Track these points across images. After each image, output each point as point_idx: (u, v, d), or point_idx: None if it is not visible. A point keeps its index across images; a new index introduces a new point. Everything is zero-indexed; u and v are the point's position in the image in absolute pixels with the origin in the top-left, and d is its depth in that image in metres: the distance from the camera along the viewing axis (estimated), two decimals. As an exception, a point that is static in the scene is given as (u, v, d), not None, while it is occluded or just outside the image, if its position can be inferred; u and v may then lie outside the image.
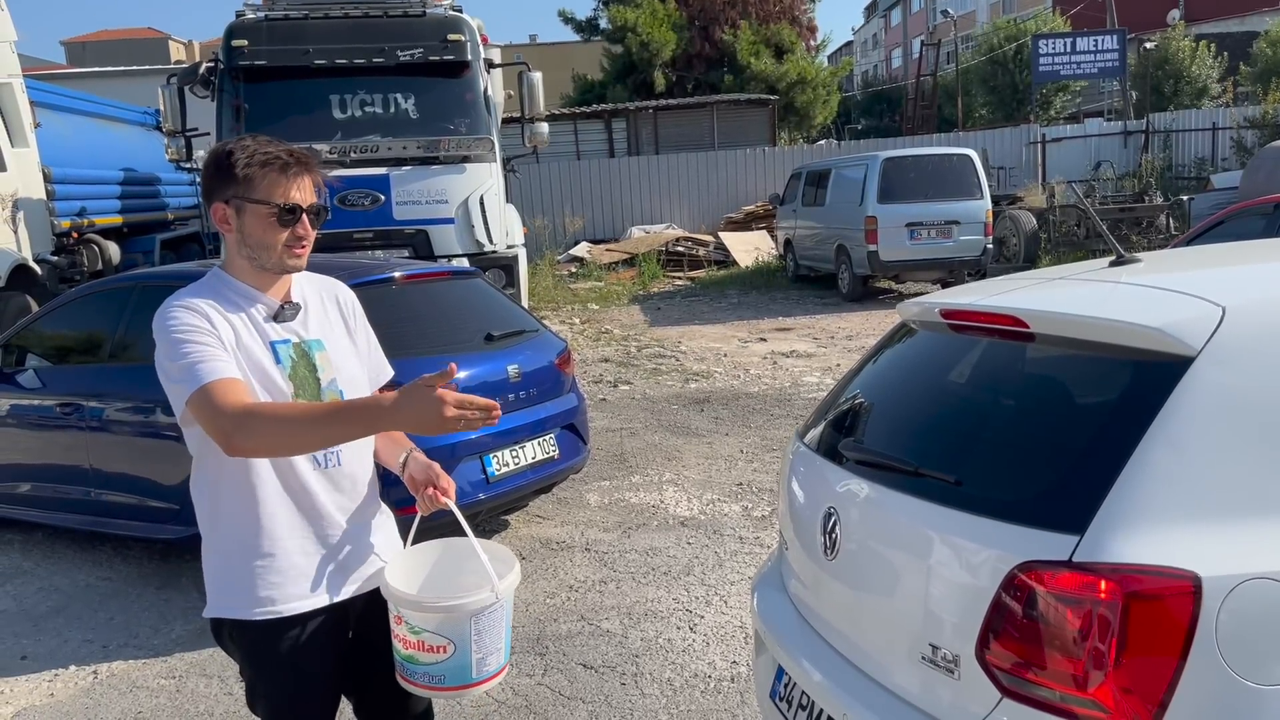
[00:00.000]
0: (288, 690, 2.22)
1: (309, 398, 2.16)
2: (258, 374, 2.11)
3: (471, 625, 2.09)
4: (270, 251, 2.14)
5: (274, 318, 2.19)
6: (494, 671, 2.16)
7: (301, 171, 2.14)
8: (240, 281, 2.19)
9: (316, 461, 2.18)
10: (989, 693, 1.83)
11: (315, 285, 2.34)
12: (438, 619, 2.09)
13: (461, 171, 9.38)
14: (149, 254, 13.30)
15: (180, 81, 9.50)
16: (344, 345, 2.30)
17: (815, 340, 11.81)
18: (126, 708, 3.90)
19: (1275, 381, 1.80)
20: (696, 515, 5.81)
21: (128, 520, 5.20)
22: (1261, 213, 6.91)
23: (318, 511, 2.19)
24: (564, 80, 30.45)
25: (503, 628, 2.16)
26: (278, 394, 2.12)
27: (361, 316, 2.41)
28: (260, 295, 2.19)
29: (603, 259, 18.89)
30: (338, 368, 2.24)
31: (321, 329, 2.26)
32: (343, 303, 2.37)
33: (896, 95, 46.56)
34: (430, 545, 2.33)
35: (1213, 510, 1.72)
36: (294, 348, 2.19)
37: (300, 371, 2.17)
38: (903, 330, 2.73)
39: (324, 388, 2.20)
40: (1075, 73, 25.48)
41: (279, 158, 2.11)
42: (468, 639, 2.09)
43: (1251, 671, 1.65)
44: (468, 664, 2.10)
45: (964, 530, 1.93)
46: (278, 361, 2.15)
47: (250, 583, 2.16)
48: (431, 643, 2.10)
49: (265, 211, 2.10)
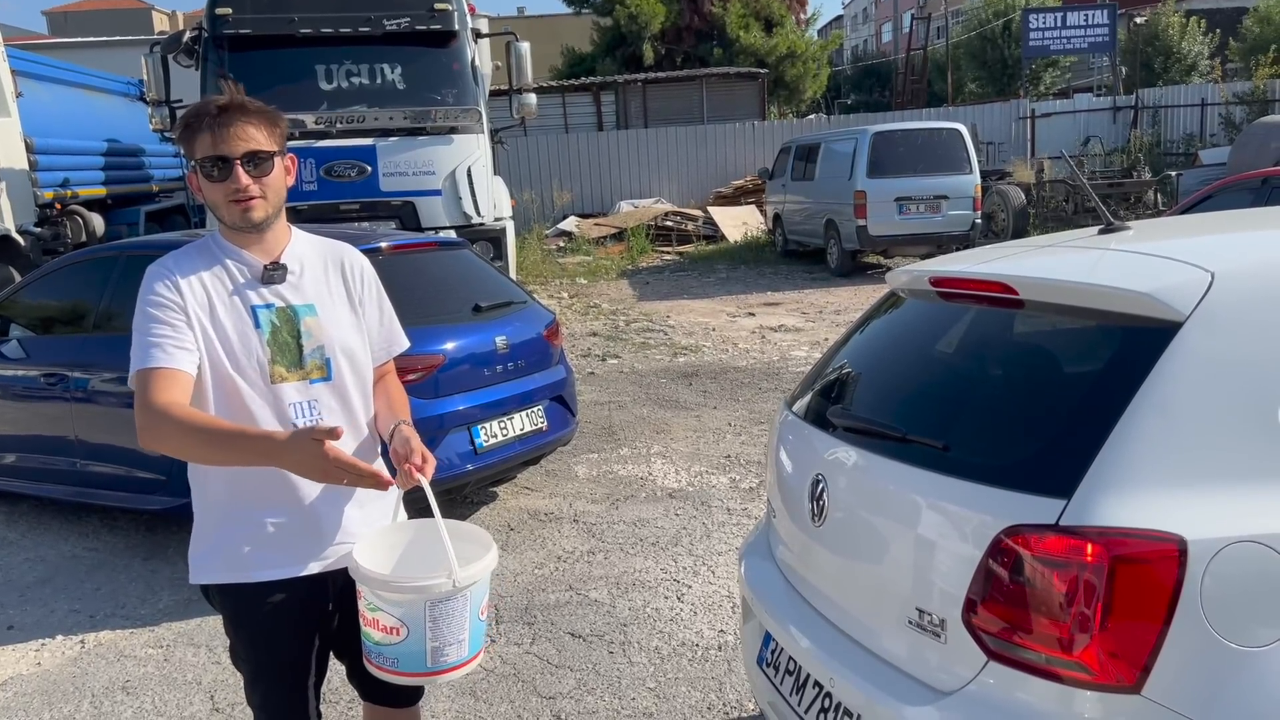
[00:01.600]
0: (262, 653, 2.24)
1: (287, 364, 2.14)
2: (235, 338, 2.10)
3: (426, 612, 1.99)
4: (221, 209, 2.11)
5: (261, 279, 2.16)
6: (453, 664, 2.05)
7: (230, 120, 2.05)
8: (227, 242, 2.18)
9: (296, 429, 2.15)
10: (975, 656, 1.84)
11: (320, 249, 2.29)
12: (391, 599, 2.01)
13: (449, 143, 9.31)
14: (133, 226, 13.17)
15: (164, 50, 9.38)
16: (341, 313, 2.25)
17: (804, 315, 11.81)
18: (114, 677, 3.90)
19: (1263, 346, 1.81)
20: (684, 487, 5.82)
21: (114, 491, 5.18)
22: (1249, 187, 6.91)
23: (297, 482, 2.14)
24: (552, 53, 30.22)
25: (465, 619, 2.03)
26: (253, 359, 2.11)
27: (373, 284, 2.35)
28: (244, 255, 2.16)
29: (591, 233, 18.83)
30: (328, 335, 2.20)
31: (316, 294, 2.22)
32: (349, 269, 2.31)
33: (886, 70, 46.41)
34: (414, 523, 2.25)
35: (1199, 474, 1.73)
36: (277, 312, 2.16)
37: (281, 337, 2.15)
38: (891, 299, 2.72)
39: (306, 354, 2.17)
40: (1065, 47, 25.42)
41: (204, 111, 2.07)
42: (422, 625, 1.99)
43: (1235, 634, 1.66)
44: (421, 652, 2.01)
45: (951, 495, 1.94)
46: (257, 326, 2.13)
47: (223, 548, 2.17)
48: (385, 623, 2.02)
49: (199, 170, 2.08)
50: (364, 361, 2.29)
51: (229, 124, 2.05)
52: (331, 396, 2.21)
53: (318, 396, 2.19)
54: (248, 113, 2.09)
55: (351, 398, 2.25)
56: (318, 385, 2.19)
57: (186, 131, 2.08)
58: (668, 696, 3.55)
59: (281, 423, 2.13)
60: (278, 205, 2.16)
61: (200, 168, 2.07)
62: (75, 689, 3.82)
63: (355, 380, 2.26)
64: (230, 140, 2.05)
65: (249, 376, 2.11)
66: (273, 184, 2.13)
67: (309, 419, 2.15)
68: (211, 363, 2.10)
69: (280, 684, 2.27)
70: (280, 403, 2.14)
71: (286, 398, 2.14)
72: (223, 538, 2.17)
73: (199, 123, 2.06)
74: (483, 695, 3.60)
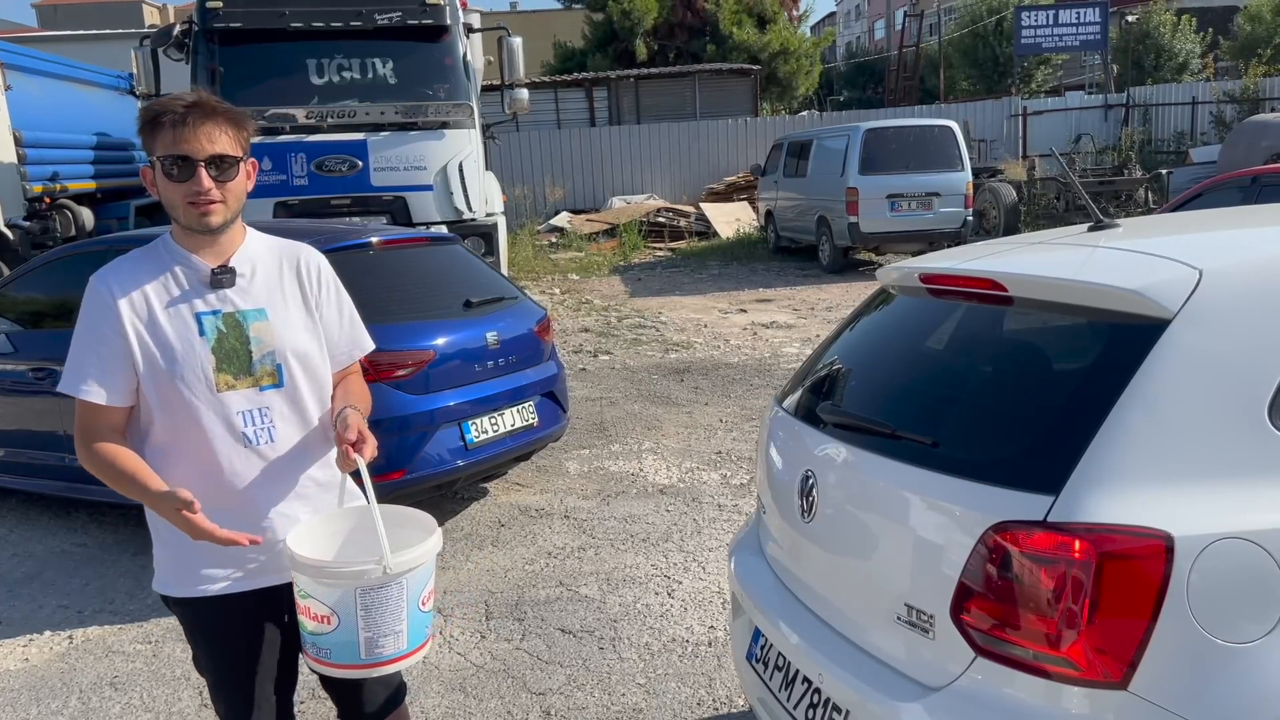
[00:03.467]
0: (222, 662, 2.24)
1: (235, 371, 2.10)
2: (178, 347, 2.06)
3: (357, 599, 1.92)
4: (177, 210, 2.05)
5: (210, 283, 2.11)
6: (389, 657, 1.99)
7: (198, 119, 2.00)
8: (179, 246, 2.12)
9: (247, 439, 2.11)
10: (963, 652, 1.85)
11: (275, 250, 2.23)
12: (320, 586, 1.95)
13: (440, 138, 9.29)
14: (123, 220, 13.11)
15: (154, 44, 9.34)
16: (294, 316, 2.19)
17: (795, 311, 11.82)
18: (102, 672, 3.88)
19: (1250, 344, 1.82)
20: (675, 483, 5.82)
21: (102, 486, 5.14)
22: (1239, 186, 6.94)
23: (242, 493, 2.11)
24: (545, 48, 30.16)
25: (401, 607, 1.97)
26: (197, 367, 2.07)
27: (330, 285, 2.29)
28: (192, 259, 2.11)
29: (583, 229, 18.81)
30: (279, 340, 2.15)
31: (268, 297, 2.16)
32: (304, 270, 2.24)
33: (879, 66, 46.42)
34: (361, 508, 2.16)
35: (1186, 471, 1.74)
36: (224, 318, 2.11)
37: (228, 343, 2.10)
38: (882, 295, 2.72)
39: (256, 360, 2.12)
40: (1057, 45, 25.43)
41: (170, 109, 2.01)
42: (352, 614, 1.93)
43: (1221, 630, 1.67)
44: (354, 643, 1.96)
45: (940, 491, 1.94)
46: (201, 333, 2.08)
47: (175, 561, 2.17)
48: (316, 611, 1.97)
49: (159, 168, 2.02)
50: (320, 365, 2.23)
51: (197, 124, 2.00)
52: (284, 403, 2.16)
53: (269, 404, 2.14)
54: (216, 114, 2.03)
55: (306, 404, 2.20)
56: (269, 392, 2.14)
57: (150, 126, 2.02)
58: (657, 692, 3.55)
59: (229, 431, 2.10)
60: (236, 210, 2.11)
61: (161, 165, 2.01)
62: (63, 685, 3.81)
63: (310, 385, 2.21)
64: (196, 140, 2.00)
65: (193, 386, 2.07)
66: (234, 189, 2.07)
67: (259, 427, 2.12)
68: (152, 374, 2.06)
69: (241, 692, 2.24)
70: (227, 411, 2.10)
71: (234, 406, 2.10)
72: (175, 550, 2.16)
73: (164, 118, 2.00)
74: (473, 691, 3.60)
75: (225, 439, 2.10)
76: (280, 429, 2.14)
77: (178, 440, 2.10)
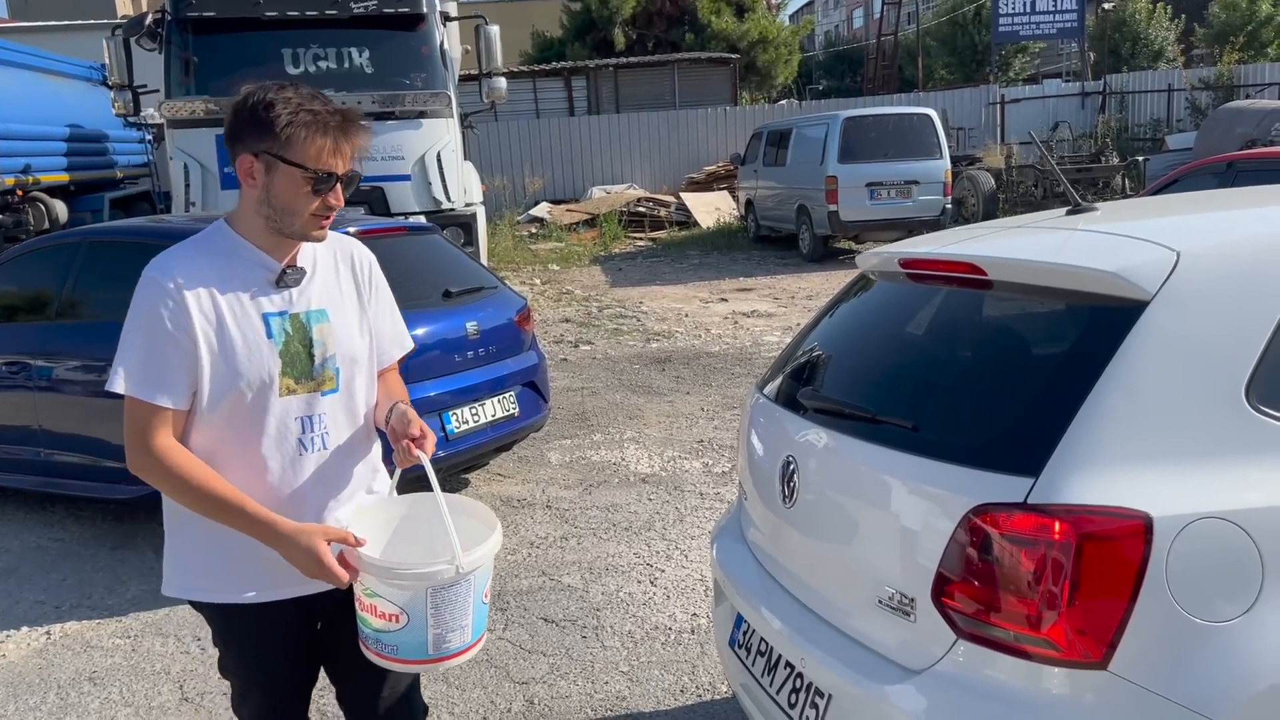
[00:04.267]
0: (253, 668, 2.19)
1: (298, 375, 2.00)
2: (243, 349, 1.95)
3: (428, 599, 1.89)
4: (295, 218, 1.95)
5: (276, 283, 2.01)
6: (456, 650, 1.97)
7: (345, 135, 1.94)
8: (247, 241, 2.00)
9: (303, 446, 2.02)
10: (945, 634, 1.85)
11: (329, 246, 2.12)
12: (390, 587, 1.91)
13: (418, 127, 9.23)
14: (97, 212, 12.96)
15: (126, 33, 9.22)
16: (351, 317, 2.11)
17: (776, 300, 11.83)
18: (80, 668, 3.85)
19: (1227, 325, 1.82)
20: (657, 472, 5.82)
21: (80, 480, 5.11)
22: (1214, 171, 6.98)
23: (290, 499, 2.02)
24: (523, 38, 29.99)
25: (469, 603, 1.95)
26: (264, 369, 1.97)
27: (380, 281, 2.21)
28: (265, 258, 2.00)
29: (563, 219, 18.75)
30: (339, 342, 2.06)
31: (328, 297, 2.07)
32: (358, 265, 2.16)
33: (858, 55, 46.46)
34: (412, 498, 2.15)
35: (1164, 452, 1.74)
36: (290, 320, 2.01)
37: (293, 347, 2.00)
38: (862, 282, 2.72)
39: (317, 365, 2.03)
40: (1034, 33, 25.53)
41: (325, 119, 1.90)
42: (423, 613, 1.90)
43: (1200, 609, 1.68)
44: (423, 640, 1.93)
45: (921, 475, 1.94)
46: (269, 335, 1.98)
47: (207, 567, 2.06)
48: (384, 609, 1.92)
49: (300, 176, 1.91)
50: (370, 367, 2.16)
51: (350, 139, 1.94)
52: (339, 408, 2.09)
53: (325, 409, 2.06)
54: (356, 131, 1.96)
55: (358, 407, 2.13)
56: (328, 397, 2.06)
57: (301, 130, 1.88)
58: (640, 680, 3.55)
59: (284, 436, 2.00)
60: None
61: (308, 175, 1.91)
62: (41, 680, 3.77)
63: (362, 388, 2.14)
64: (345, 155, 1.94)
65: (255, 389, 1.97)
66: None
67: (314, 433, 2.04)
68: (214, 375, 1.95)
69: (271, 696, 2.21)
70: (287, 416, 2.01)
71: (295, 411, 2.02)
72: (206, 557, 2.05)
73: (321, 125, 1.90)
74: (455, 681, 3.59)
75: (281, 444, 2.00)
76: (333, 434, 2.07)
77: (226, 444, 1.99)
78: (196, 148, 8.83)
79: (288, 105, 1.89)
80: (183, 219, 6.52)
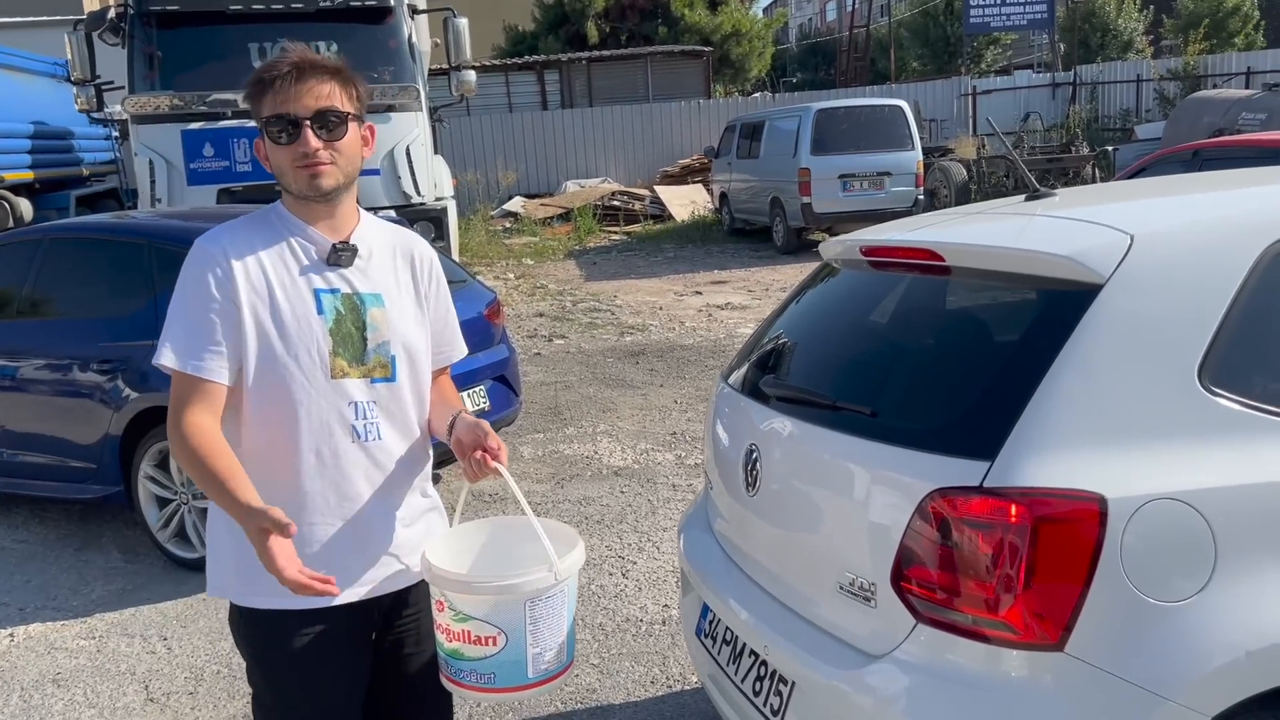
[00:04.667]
0: (294, 697, 1.95)
1: (350, 357, 1.90)
2: (294, 325, 1.86)
3: (527, 611, 1.81)
4: (286, 177, 1.87)
5: (327, 260, 1.92)
6: (554, 671, 1.88)
7: (301, 77, 1.83)
8: (291, 214, 1.93)
9: (355, 433, 1.90)
10: (904, 619, 1.85)
11: (389, 236, 2.04)
12: (487, 603, 1.81)
13: (386, 121, 9.14)
14: (63, 210, 12.79)
15: (88, 28, 9.10)
16: (408, 307, 2.00)
17: (750, 292, 11.84)
18: (44, 669, 3.80)
19: (1180, 307, 1.83)
20: (630, 465, 5.81)
21: (44, 481, 5.04)
22: (1180, 160, 7.03)
23: (345, 491, 1.91)
24: (495, 31, 29.85)
25: (564, 617, 1.88)
26: (314, 347, 1.87)
27: (440, 279, 2.10)
28: (310, 231, 1.92)
29: (537, 214, 18.69)
30: (394, 330, 1.95)
31: (384, 283, 1.97)
32: (418, 261, 2.05)
33: (831, 48, 46.57)
34: (479, 524, 2.10)
35: (1119, 433, 1.75)
36: (343, 299, 1.91)
37: (345, 327, 1.90)
38: (826, 270, 2.72)
39: (370, 349, 1.92)
40: (1005, 24, 25.71)
41: (273, 67, 1.84)
42: (522, 629, 1.81)
43: (1154, 590, 1.69)
44: (521, 660, 1.83)
45: (880, 460, 1.94)
46: (320, 312, 1.88)
47: (251, 568, 1.84)
48: (480, 633, 1.82)
49: (265, 130, 1.85)
50: (425, 364, 2.04)
51: (300, 81, 1.83)
52: (391, 400, 1.95)
53: (376, 398, 1.93)
54: (321, 70, 1.86)
55: (408, 403, 1.99)
56: (379, 385, 1.93)
57: (255, 89, 1.85)
58: (611, 672, 3.55)
59: (337, 421, 1.89)
60: (350, 175, 1.92)
61: (266, 129, 1.85)
62: (3, 683, 3.72)
63: (414, 384, 2.01)
64: (300, 98, 1.82)
65: (306, 369, 1.86)
66: (346, 150, 1.88)
67: (368, 421, 1.92)
68: (262, 353, 1.85)
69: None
70: (339, 400, 1.89)
71: (348, 395, 1.90)
72: (249, 552, 1.81)
73: (267, 79, 1.83)
74: (425, 677, 3.57)
75: (335, 430, 1.89)
76: (385, 427, 1.94)
77: (277, 427, 1.88)
78: (162, 143, 8.72)
79: (255, 73, 1.87)
80: (148, 215, 6.45)
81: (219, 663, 3.76)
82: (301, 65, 1.84)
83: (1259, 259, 1.86)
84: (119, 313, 4.79)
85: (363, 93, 1.94)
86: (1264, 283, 1.85)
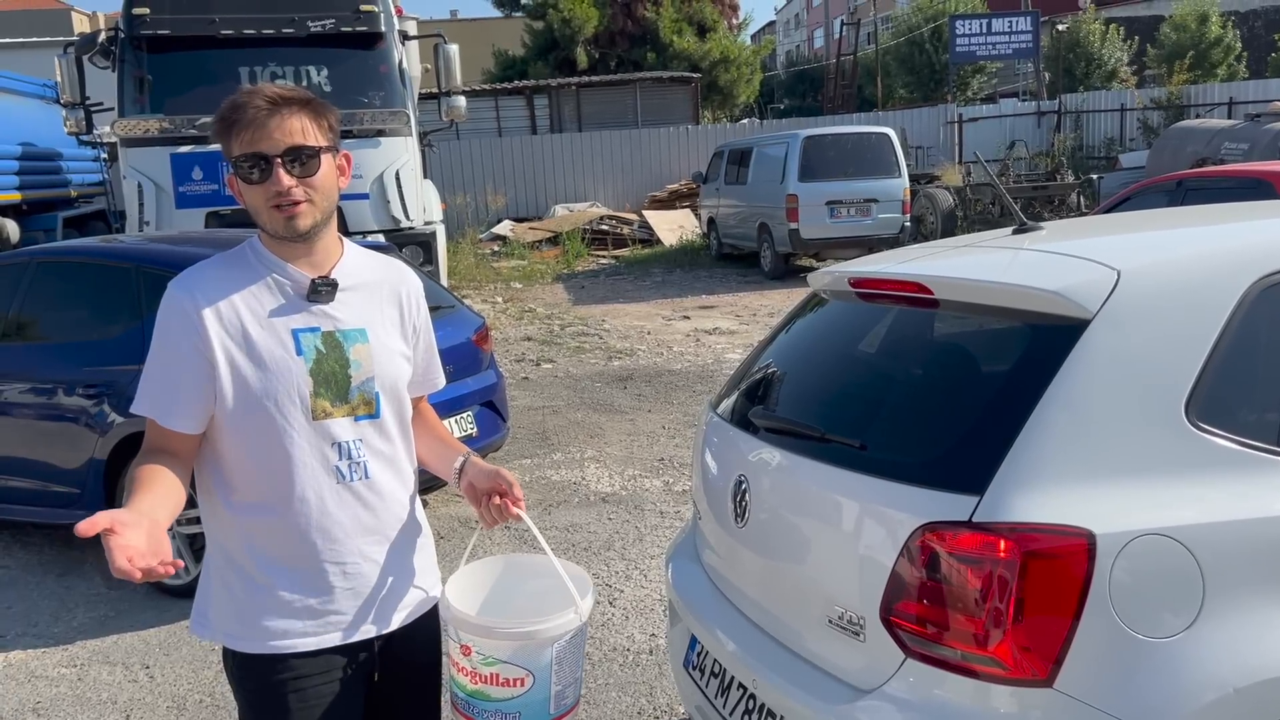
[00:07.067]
0: None
1: (333, 397, 1.84)
2: (272, 367, 1.80)
3: (553, 653, 1.86)
4: (260, 215, 1.81)
5: (307, 296, 1.85)
6: (570, 705, 1.94)
7: (271, 113, 1.76)
8: (268, 252, 1.87)
9: (340, 474, 1.85)
10: (893, 654, 1.85)
11: (374, 266, 1.97)
12: (514, 647, 1.84)
13: (376, 145, 9.16)
14: (50, 232, 12.73)
15: (78, 51, 9.10)
16: (393, 341, 1.94)
17: (738, 318, 11.87)
18: (24, 698, 3.75)
19: (1167, 343, 1.85)
20: (618, 491, 5.80)
21: (27, 506, 5.00)
22: (1165, 189, 7.12)
23: (331, 534, 1.86)
24: (485, 56, 30.04)
25: (582, 654, 1.95)
26: (293, 388, 1.81)
27: (425, 314, 2.05)
28: (288, 269, 1.85)
29: (526, 237, 18.73)
30: (379, 364, 1.89)
31: (368, 317, 1.91)
32: (405, 292, 2.00)
33: (818, 75, 46.93)
34: (490, 562, 2.11)
35: (1107, 469, 1.76)
36: (323, 337, 1.85)
37: (327, 365, 1.84)
38: (814, 300, 2.73)
39: (354, 386, 1.86)
40: (991, 53, 25.98)
41: (239, 104, 1.77)
42: (548, 669, 1.86)
43: (1143, 625, 1.69)
44: (545, 698, 1.88)
45: (869, 494, 1.94)
46: (299, 353, 1.82)
47: (249, 607, 1.84)
48: (508, 675, 1.85)
49: (236, 169, 1.79)
50: (406, 398, 1.98)
51: (268, 117, 1.75)
52: (377, 436, 1.90)
53: (362, 436, 1.88)
54: (289, 103, 1.78)
55: (395, 438, 1.94)
56: (363, 423, 1.88)
57: (221, 126, 1.78)
58: (598, 702, 3.52)
59: (323, 464, 1.84)
60: (327, 211, 1.84)
61: (236, 168, 1.78)
62: (-18, 713, 3.67)
63: (398, 419, 1.96)
64: (270, 135, 1.75)
65: (286, 412, 1.81)
66: (321, 185, 1.81)
67: (354, 461, 1.87)
68: (240, 398, 1.80)
69: None
70: (322, 442, 1.84)
71: (332, 436, 1.84)
72: (244, 597, 1.81)
73: (234, 116, 1.76)
74: (410, 707, 3.53)
75: (318, 473, 1.83)
76: (373, 465, 1.89)
77: (258, 471, 1.84)
78: (151, 166, 8.72)
79: (220, 110, 1.80)
80: (136, 239, 6.43)
81: (201, 691, 3.72)
82: (272, 100, 1.77)
83: (1245, 294, 1.88)
84: (105, 336, 4.77)
85: (335, 121, 1.87)
86: (1250, 318, 1.87)
